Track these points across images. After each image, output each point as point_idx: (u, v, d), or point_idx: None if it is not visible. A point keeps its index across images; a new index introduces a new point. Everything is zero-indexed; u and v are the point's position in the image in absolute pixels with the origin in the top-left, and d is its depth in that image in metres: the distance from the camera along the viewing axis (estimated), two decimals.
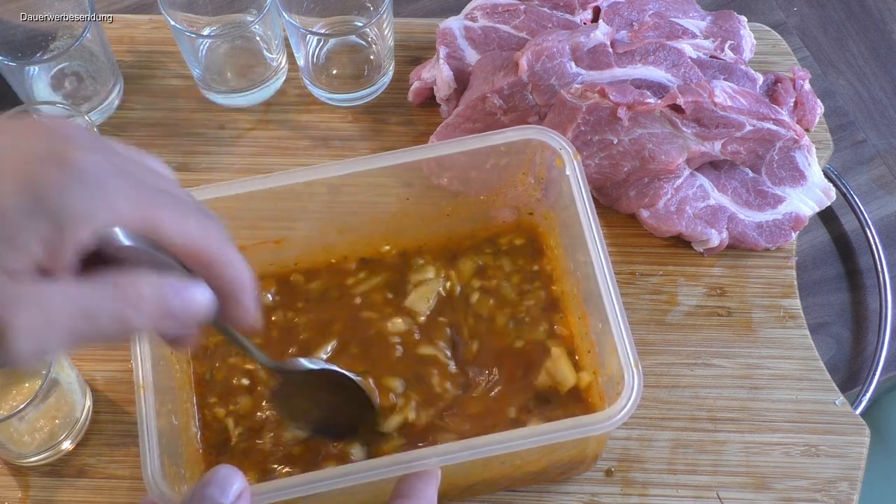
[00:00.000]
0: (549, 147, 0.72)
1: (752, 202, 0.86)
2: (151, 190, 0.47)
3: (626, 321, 0.66)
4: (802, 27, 1.01)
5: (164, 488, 0.61)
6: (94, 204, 0.44)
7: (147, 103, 0.93)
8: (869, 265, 0.89)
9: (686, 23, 0.90)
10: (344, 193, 0.75)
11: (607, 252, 0.68)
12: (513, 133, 0.73)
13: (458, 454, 0.63)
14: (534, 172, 0.76)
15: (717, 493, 0.77)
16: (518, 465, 0.72)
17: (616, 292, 0.67)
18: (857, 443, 0.79)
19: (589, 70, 0.84)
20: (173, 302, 0.47)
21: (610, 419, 0.63)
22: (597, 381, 0.73)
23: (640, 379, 0.64)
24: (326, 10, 0.93)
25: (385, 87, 0.94)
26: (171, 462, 0.65)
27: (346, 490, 0.62)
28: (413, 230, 0.80)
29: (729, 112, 0.81)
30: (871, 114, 0.97)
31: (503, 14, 0.90)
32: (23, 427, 0.75)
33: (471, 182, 0.78)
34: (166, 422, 0.67)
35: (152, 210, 0.46)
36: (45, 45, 0.91)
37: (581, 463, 0.76)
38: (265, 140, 0.92)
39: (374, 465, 0.62)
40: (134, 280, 0.46)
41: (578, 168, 0.71)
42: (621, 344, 0.65)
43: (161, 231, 0.47)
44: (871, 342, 0.86)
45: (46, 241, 0.43)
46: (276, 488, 0.61)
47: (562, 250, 0.78)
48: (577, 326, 0.76)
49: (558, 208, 0.76)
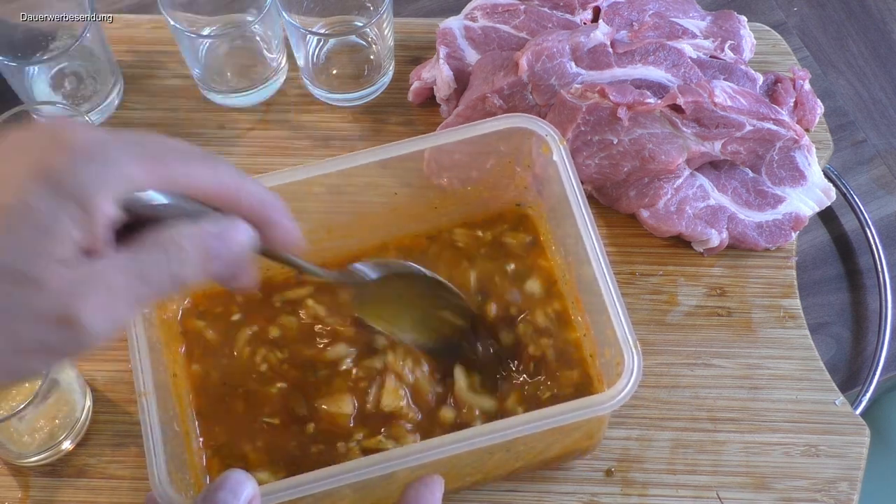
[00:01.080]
0: (536, 134, 0.72)
1: (752, 202, 0.86)
2: (155, 149, 0.48)
3: (623, 302, 0.66)
4: (802, 27, 1.01)
5: (173, 494, 0.61)
6: (105, 172, 0.45)
7: (147, 103, 0.93)
8: (869, 265, 0.89)
9: (686, 23, 0.90)
10: (344, 193, 0.75)
11: (600, 237, 0.68)
12: (500, 121, 0.73)
13: (461, 444, 0.63)
14: (521, 161, 0.76)
15: (717, 493, 0.77)
16: (521, 451, 0.72)
17: (610, 274, 0.67)
18: (857, 443, 0.79)
19: (589, 70, 0.84)
20: (214, 245, 0.49)
21: (612, 399, 0.63)
22: (595, 364, 0.73)
23: (639, 359, 0.64)
24: (326, 10, 0.93)
25: (385, 87, 0.94)
26: (177, 468, 0.65)
27: (355, 487, 0.62)
28: (404, 225, 0.80)
29: (729, 112, 0.81)
30: (871, 114, 0.97)
31: (503, 14, 0.90)
32: (23, 427, 0.75)
33: (471, 182, 0.78)
34: (169, 428, 0.67)
35: (162, 166, 0.48)
36: (45, 45, 0.91)
37: (585, 445, 0.76)
38: (265, 140, 0.92)
39: (377, 459, 0.62)
40: (173, 235, 0.48)
41: (565, 153, 0.71)
42: (619, 324, 0.65)
43: (177, 183, 0.48)
44: (871, 342, 0.86)
45: (78, 222, 0.44)
46: (286, 487, 0.61)
47: (555, 238, 0.78)
48: (570, 310, 0.76)
49: (546, 196, 0.76)
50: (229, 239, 0.50)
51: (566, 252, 0.76)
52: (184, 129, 0.92)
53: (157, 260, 0.47)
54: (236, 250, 0.51)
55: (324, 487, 0.61)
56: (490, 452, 0.69)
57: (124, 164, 0.46)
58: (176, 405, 0.72)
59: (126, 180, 0.46)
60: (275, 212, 0.53)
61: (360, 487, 0.65)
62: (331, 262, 0.79)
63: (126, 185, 0.46)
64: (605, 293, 0.66)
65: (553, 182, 0.73)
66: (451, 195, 0.79)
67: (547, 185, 0.75)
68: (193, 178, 0.49)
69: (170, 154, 0.49)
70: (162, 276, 0.47)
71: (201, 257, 0.48)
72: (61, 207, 0.43)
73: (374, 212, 0.78)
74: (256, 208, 0.52)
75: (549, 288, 0.78)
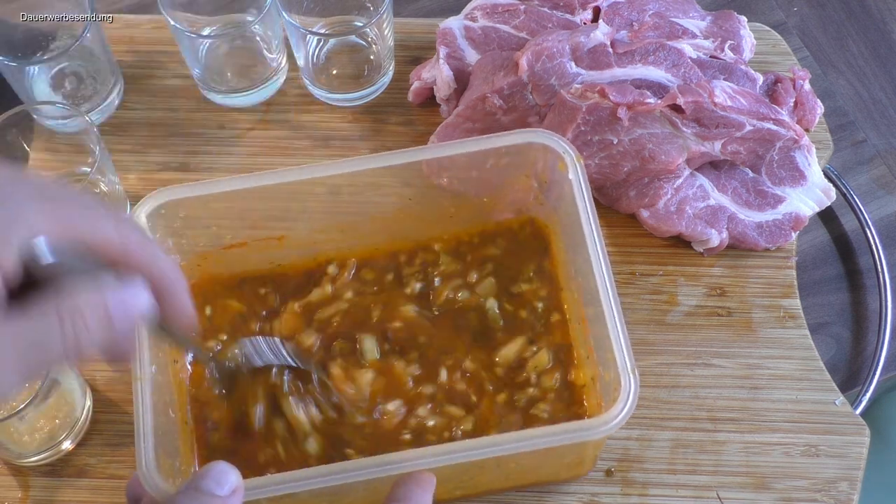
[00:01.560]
0: (553, 150, 0.72)
1: (752, 202, 0.86)
2: (61, 198, 0.45)
3: (625, 327, 0.66)
4: (802, 27, 1.01)
5: (158, 479, 0.61)
6: (7, 219, 0.42)
7: (147, 103, 0.93)
8: (869, 265, 0.89)
9: (686, 23, 0.90)
10: (344, 193, 0.75)
11: (608, 257, 0.68)
12: (516, 136, 0.73)
13: (453, 455, 0.63)
14: (536, 175, 0.76)
15: (717, 493, 0.77)
16: (513, 469, 0.72)
17: (615, 298, 0.66)
18: (857, 443, 0.79)
19: (589, 70, 0.84)
20: (115, 309, 0.45)
21: (605, 424, 0.63)
22: (595, 386, 0.73)
23: (636, 384, 0.63)
24: (326, 10, 0.93)
25: (385, 87, 0.94)
26: (167, 454, 0.65)
27: (336, 489, 0.63)
28: (415, 231, 0.80)
29: (729, 112, 0.81)
30: (871, 114, 0.97)
31: (503, 14, 0.90)
32: (23, 427, 0.75)
33: (471, 182, 0.78)
34: (163, 414, 0.67)
35: (67, 218, 0.45)
36: (45, 45, 0.91)
37: (578, 466, 0.76)
38: (265, 140, 0.92)
39: (362, 464, 0.62)
40: (73, 298, 0.44)
41: (581, 172, 0.71)
42: (619, 349, 0.65)
43: (81, 236, 0.45)
44: (871, 342, 0.86)
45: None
46: (265, 484, 0.62)
47: (564, 254, 0.78)
48: (576, 330, 0.76)
49: (560, 213, 0.76)
50: (130, 303, 0.46)
51: (576, 272, 0.75)
52: (183, 128, 0.92)
53: (53, 329, 0.43)
54: (135, 314, 0.47)
55: (295, 490, 0.62)
56: (480, 468, 0.69)
57: (28, 210, 0.42)
58: (174, 391, 0.72)
59: (28, 228, 0.42)
60: (177, 283, 0.50)
61: (370, 486, 0.65)
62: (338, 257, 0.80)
63: (28, 234, 0.43)
64: (609, 318, 0.66)
65: (567, 200, 0.72)
66: (464, 204, 0.79)
67: (561, 201, 0.75)
68: (98, 233, 0.46)
69: (76, 205, 0.45)
70: (57, 345, 0.43)
71: (101, 321, 0.45)
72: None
73: (382, 217, 0.79)
74: (157, 276, 0.49)
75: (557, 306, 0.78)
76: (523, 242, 0.81)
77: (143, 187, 0.89)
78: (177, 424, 0.71)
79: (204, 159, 0.90)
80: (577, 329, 0.76)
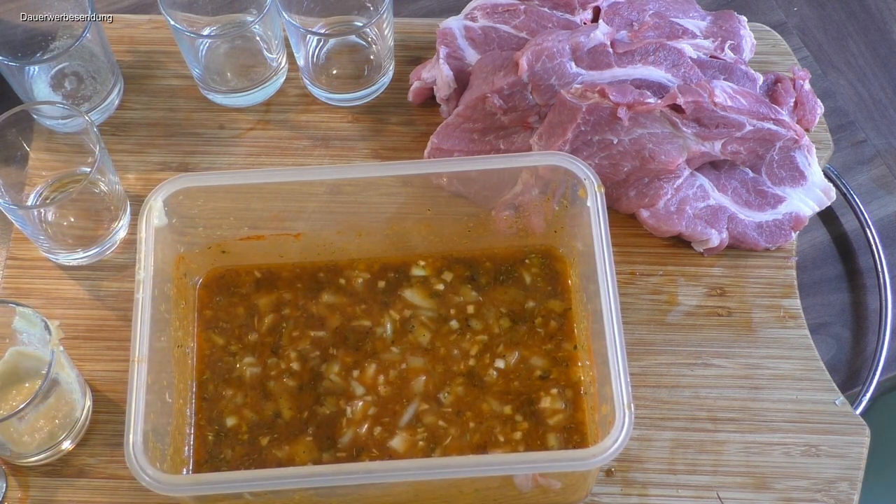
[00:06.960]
0: (574, 175, 0.72)
1: (752, 202, 0.86)
2: None
3: (626, 363, 0.66)
4: (802, 27, 1.01)
5: (143, 461, 0.62)
6: None
7: (147, 103, 0.93)
8: (869, 265, 0.89)
9: (686, 23, 0.90)
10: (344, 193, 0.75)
11: (617, 292, 0.68)
12: (538, 157, 0.74)
13: (435, 471, 0.64)
14: (554, 197, 0.77)
15: (717, 493, 0.77)
16: (496, 488, 0.72)
17: (620, 332, 0.67)
18: (857, 443, 0.79)
19: (589, 70, 0.84)
20: None
21: (595, 457, 0.63)
22: (594, 417, 0.74)
23: (630, 420, 0.64)
24: (326, 10, 0.93)
25: (385, 87, 0.94)
26: (157, 439, 0.65)
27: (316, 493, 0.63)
28: (433, 246, 0.81)
29: (729, 112, 0.81)
30: (871, 114, 0.97)
31: (503, 14, 0.90)
32: (23, 427, 0.75)
33: (471, 182, 0.78)
34: (158, 398, 0.67)
35: None
36: (45, 45, 0.91)
37: (571, 495, 0.76)
38: (265, 140, 0.92)
39: (321, 471, 0.63)
40: None
41: (600, 200, 0.71)
42: (617, 385, 0.66)
43: None
44: (871, 342, 0.86)
45: None
46: (220, 481, 0.63)
47: (577, 280, 0.79)
48: (583, 360, 0.77)
49: (576, 237, 0.77)
50: None
51: (587, 299, 0.76)
52: (183, 128, 0.92)
53: None
54: None
55: (251, 489, 0.63)
56: (457, 487, 0.70)
57: None
58: (175, 377, 0.72)
59: None
60: None
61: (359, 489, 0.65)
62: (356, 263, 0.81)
63: None
64: (611, 353, 0.67)
65: (583, 226, 0.73)
66: (481, 223, 0.80)
67: (577, 227, 0.76)
68: None
69: None
70: None
71: None
72: None
73: (397, 226, 0.80)
74: None
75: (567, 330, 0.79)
76: (540, 268, 0.82)
77: (143, 187, 0.89)
78: (173, 410, 0.71)
79: (204, 159, 0.90)
80: (583, 359, 0.77)
